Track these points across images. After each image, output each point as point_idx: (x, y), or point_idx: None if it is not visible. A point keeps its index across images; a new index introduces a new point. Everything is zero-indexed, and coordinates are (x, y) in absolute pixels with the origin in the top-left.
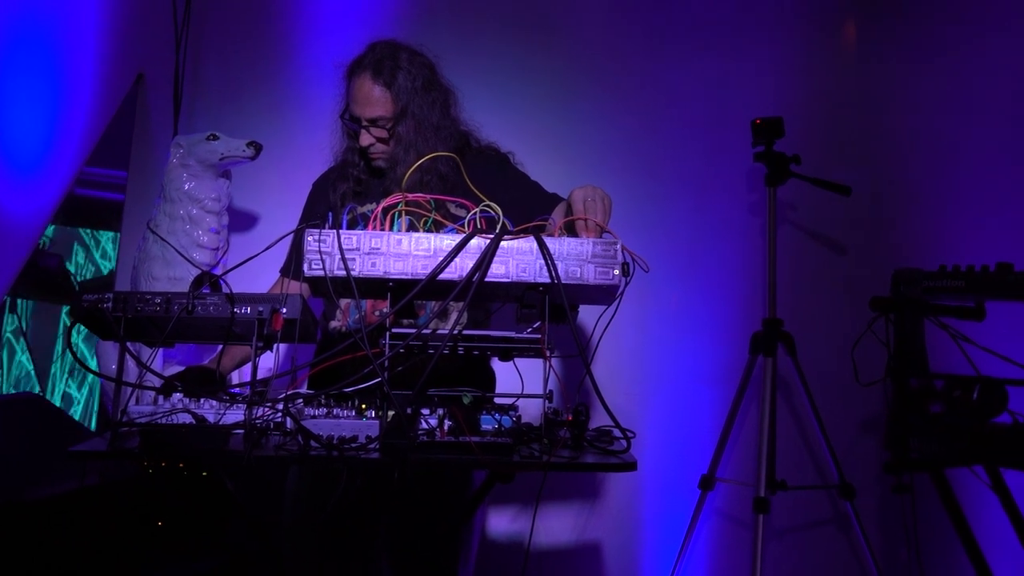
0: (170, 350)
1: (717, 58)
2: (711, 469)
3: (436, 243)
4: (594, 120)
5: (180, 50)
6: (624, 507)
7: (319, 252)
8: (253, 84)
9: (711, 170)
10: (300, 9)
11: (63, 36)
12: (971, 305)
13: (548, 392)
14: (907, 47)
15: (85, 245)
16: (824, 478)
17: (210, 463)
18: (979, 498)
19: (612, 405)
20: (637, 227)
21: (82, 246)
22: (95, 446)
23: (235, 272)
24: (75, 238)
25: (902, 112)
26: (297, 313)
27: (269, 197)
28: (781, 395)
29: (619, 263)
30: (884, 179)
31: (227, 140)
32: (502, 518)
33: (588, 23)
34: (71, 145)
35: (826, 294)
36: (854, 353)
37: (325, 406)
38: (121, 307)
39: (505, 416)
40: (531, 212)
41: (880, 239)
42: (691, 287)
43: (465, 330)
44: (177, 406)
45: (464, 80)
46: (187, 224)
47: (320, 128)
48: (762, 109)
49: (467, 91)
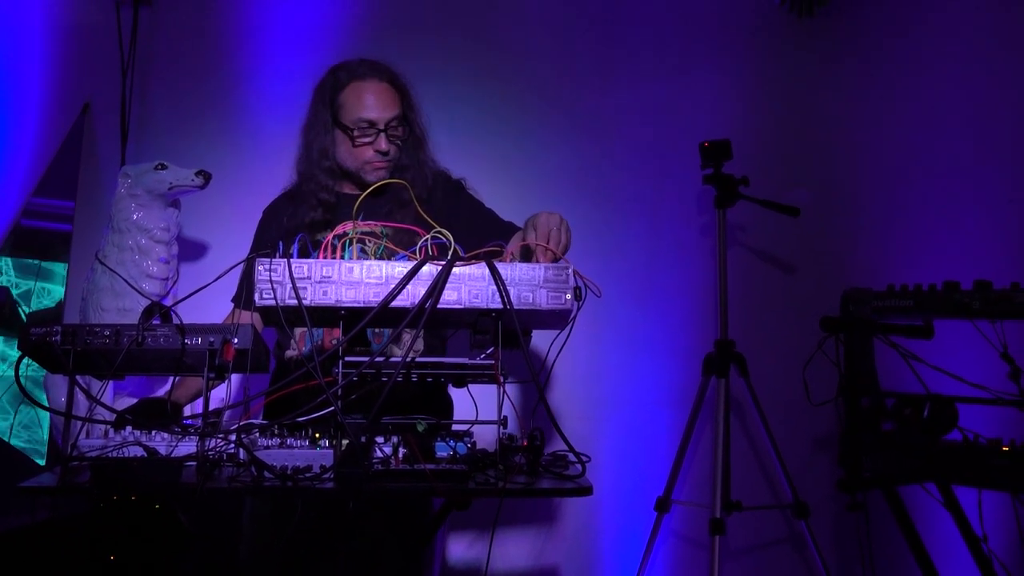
0: (120, 382)
1: (666, 82)
2: (667, 491)
3: (388, 270)
4: (546, 144)
5: (127, 79)
6: (581, 531)
7: (270, 281)
8: (201, 112)
9: (662, 193)
10: (248, 37)
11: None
12: (920, 324)
13: (503, 418)
14: (853, 67)
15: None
16: (778, 498)
17: (163, 496)
18: (932, 515)
19: (567, 429)
20: (590, 251)
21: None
22: (45, 481)
23: (186, 302)
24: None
25: (849, 132)
26: (249, 343)
27: (218, 226)
28: (735, 416)
29: (571, 288)
30: (832, 199)
31: (175, 170)
32: (459, 544)
33: (540, 48)
34: (17, 175)
35: (777, 314)
36: (805, 373)
37: (279, 436)
38: (70, 340)
39: (460, 443)
40: (487, 240)
41: (830, 259)
42: (644, 310)
43: (419, 357)
44: (128, 439)
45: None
46: (136, 254)
47: (269, 156)
48: (711, 132)
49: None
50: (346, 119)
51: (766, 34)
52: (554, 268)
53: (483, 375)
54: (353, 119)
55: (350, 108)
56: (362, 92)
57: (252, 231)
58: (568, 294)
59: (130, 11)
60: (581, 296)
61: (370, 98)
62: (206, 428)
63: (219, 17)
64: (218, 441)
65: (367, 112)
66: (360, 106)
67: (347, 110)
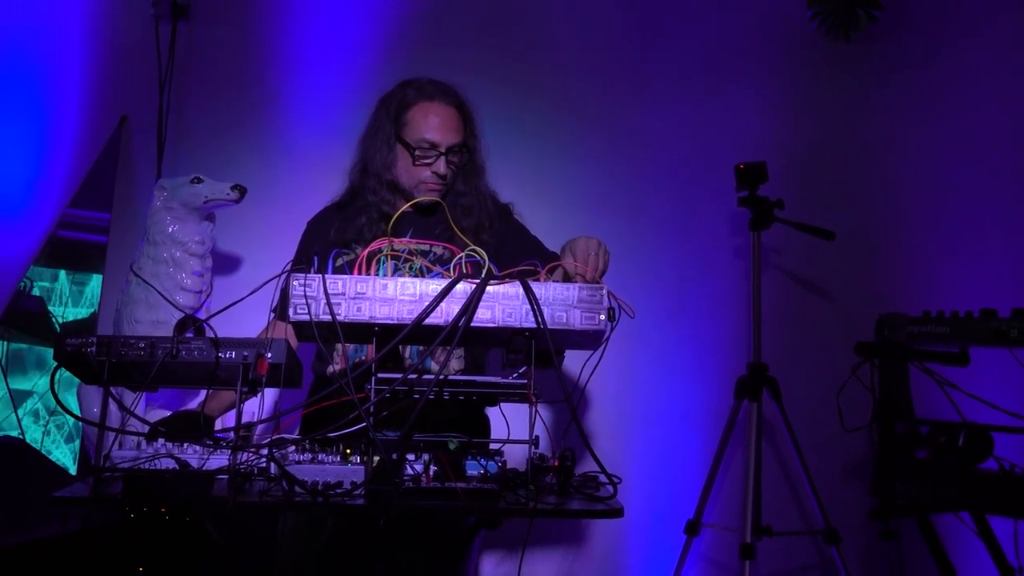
0: (153, 394)
1: (701, 103)
2: (697, 514)
3: (422, 288)
4: (580, 164)
5: (164, 92)
6: (610, 551)
7: (304, 296)
8: (237, 126)
9: (695, 214)
10: (284, 53)
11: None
12: (956, 351)
13: (534, 438)
14: (888, 92)
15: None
16: (809, 524)
17: (193, 508)
18: (966, 544)
19: (598, 449)
20: (622, 271)
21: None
22: (78, 492)
23: (219, 316)
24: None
25: (887, 156)
26: (282, 357)
27: (252, 240)
28: (766, 440)
29: (605, 308)
30: (868, 223)
31: (211, 183)
32: (488, 562)
33: (576, 69)
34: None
35: (811, 338)
36: (839, 398)
37: (310, 451)
38: (105, 351)
39: (491, 462)
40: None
41: (865, 284)
42: (676, 331)
43: (451, 375)
44: (160, 451)
45: None
46: (170, 267)
47: (304, 171)
48: (746, 153)
49: None
50: (409, 137)
51: (802, 57)
52: (588, 288)
53: (515, 394)
54: (416, 138)
55: (415, 127)
56: (429, 113)
57: (286, 245)
58: (602, 314)
59: (168, 26)
60: (615, 317)
61: (436, 120)
62: (238, 442)
63: (256, 33)
64: (249, 455)
65: (431, 134)
66: (425, 127)
67: (412, 128)
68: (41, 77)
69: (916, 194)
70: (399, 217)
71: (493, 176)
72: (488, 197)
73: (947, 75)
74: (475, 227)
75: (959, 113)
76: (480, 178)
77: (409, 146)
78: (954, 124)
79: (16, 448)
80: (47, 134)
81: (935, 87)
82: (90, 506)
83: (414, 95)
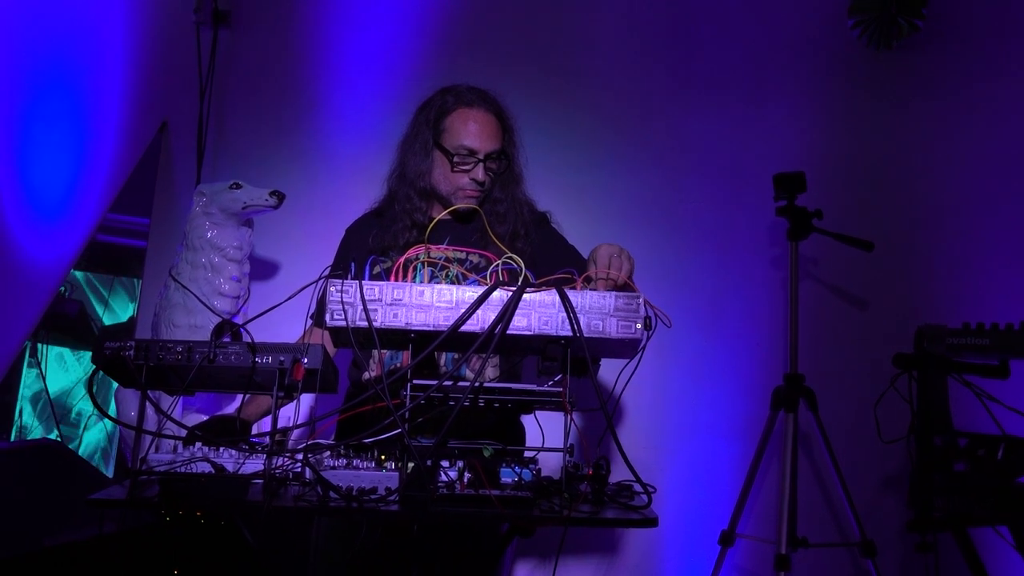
0: (190, 398)
1: (739, 112)
2: (731, 525)
3: (458, 295)
4: (616, 173)
5: (204, 99)
6: (643, 561)
7: (341, 302)
8: (276, 133)
9: (733, 224)
10: (324, 60)
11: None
12: (995, 363)
13: (569, 446)
14: (932, 100)
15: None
16: (845, 535)
17: (228, 512)
18: (1003, 558)
19: (632, 458)
20: (658, 280)
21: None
22: (114, 494)
23: (256, 321)
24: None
25: (927, 165)
26: (319, 363)
27: (290, 246)
28: (802, 451)
29: (641, 317)
30: (907, 234)
31: (250, 189)
32: (521, 570)
33: (612, 78)
34: (95, 191)
35: (848, 349)
36: (877, 410)
37: (345, 457)
38: (143, 355)
39: (525, 469)
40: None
41: (903, 295)
42: (711, 340)
43: (486, 383)
44: (196, 455)
45: None
46: (209, 272)
47: (342, 178)
48: (784, 163)
49: None
50: (448, 143)
51: (842, 66)
52: (625, 297)
53: (550, 402)
54: (455, 145)
55: (454, 134)
56: (468, 120)
57: (324, 251)
58: (638, 323)
59: (209, 32)
60: (651, 326)
61: (475, 127)
62: (273, 446)
63: (296, 40)
64: (285, 460)
65: (470, 140)
66: (464, 133)
67: (451, 135)
68: (83, 82)
69: (956, 204)
70: (436, 224)
71: (531, 185)
72: (524, 205)
73: (989, 85)
74: (510, 234)
75: (1001, 123)
76: (517, 186)
77: (448, 152)
78: (996, 134)
79: (54, 451)
80: (88, 139)
81: (976, 96)
82: (126, 509)
83: (453, 102)
